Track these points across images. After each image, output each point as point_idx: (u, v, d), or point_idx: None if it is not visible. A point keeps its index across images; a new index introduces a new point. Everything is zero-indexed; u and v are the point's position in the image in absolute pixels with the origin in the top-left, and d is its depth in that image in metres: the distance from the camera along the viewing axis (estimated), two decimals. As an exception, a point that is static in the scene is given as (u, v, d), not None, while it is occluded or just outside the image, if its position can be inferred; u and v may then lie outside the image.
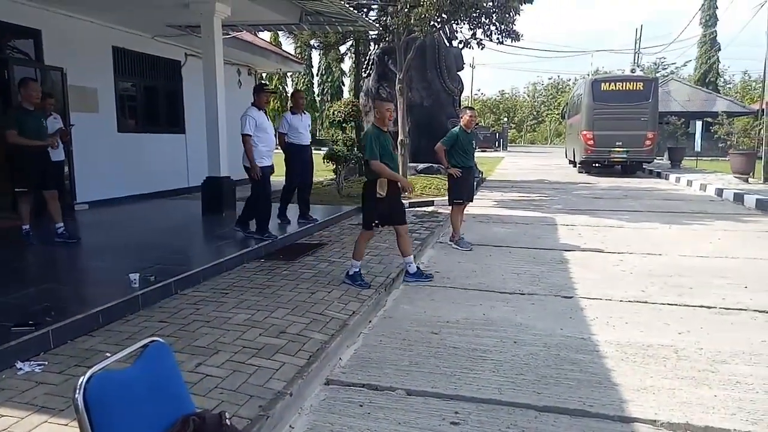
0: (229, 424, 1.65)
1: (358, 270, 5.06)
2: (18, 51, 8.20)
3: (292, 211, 7.84)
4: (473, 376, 3.31)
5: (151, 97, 11.20)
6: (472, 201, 7.27)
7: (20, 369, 3.13)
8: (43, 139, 5.84)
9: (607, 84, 17.98)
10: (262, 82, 14.52)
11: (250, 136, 6.20)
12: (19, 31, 8.05)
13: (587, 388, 3.14)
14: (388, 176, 4.94)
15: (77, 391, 1.40)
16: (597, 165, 18.78)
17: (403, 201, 5.42)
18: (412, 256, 5.44)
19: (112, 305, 3.97)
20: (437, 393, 3.10)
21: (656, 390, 3.13)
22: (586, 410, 2.90)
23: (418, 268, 5.53)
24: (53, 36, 8.43)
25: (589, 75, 27.34)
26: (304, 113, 7.71)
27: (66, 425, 2.55)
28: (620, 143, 17.19)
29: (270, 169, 6.55)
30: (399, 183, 5.16)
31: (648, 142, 17.27)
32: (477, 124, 7.03)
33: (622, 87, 17.70)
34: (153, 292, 4.36)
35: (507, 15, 10.88)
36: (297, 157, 7.59)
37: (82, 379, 1.43)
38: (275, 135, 6.97)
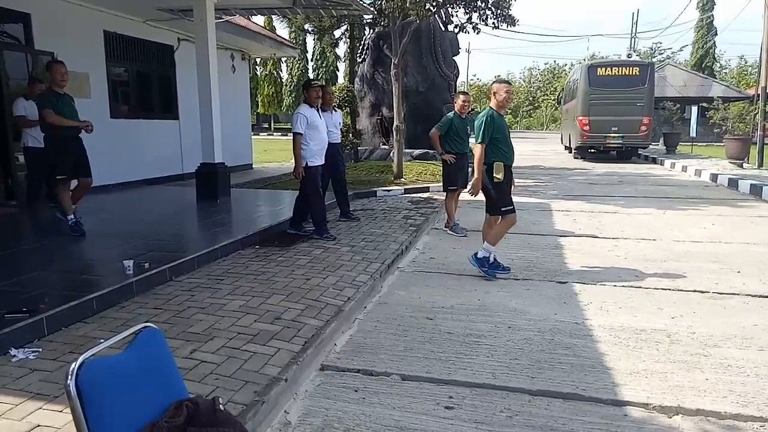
0: (222, 409, 1.65)
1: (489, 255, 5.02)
2: (7, 35, 8.06)
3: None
4: (467, 361, 3.33)
5: (144, 83, 11.08)
6: (466, 188, 7.24)
7: (14, 356, 3.13)
8: (75, 118, 5.69)
9: (603, 69, 17.91)
10: (310, 78, 13.97)
11: (301, 134, 5.98)
12: (7, 14, 7.91)
13: (580, 372, 3.16)
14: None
15: (69, 378, 1.40)
16: (593, 151, 18.77)
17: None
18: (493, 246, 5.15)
19: (106, 292, 3.96)
20: (432, 378, 3.12)
21: (649, 374, 3.15)
22: (579, 394, 2.92)
23: (491, 259, 5.16)
24: (43, 19, 8.29)
25: (585, 60, 27.18)
26: (332, 110, 7.24)
27: (61, 411, 2.55)
28: (616, 129, 17.17)
29: (322, 168, 6.37)
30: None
31: (643, 128, 17.26)
32: (472, 110, 6.97)
33: (618, 72, 17.64)
34: (147, 279, 4.35)
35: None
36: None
37: (74, 366, 1.43)
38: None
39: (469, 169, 7.38)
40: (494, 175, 4.93)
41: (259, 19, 14.49)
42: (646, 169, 15.83)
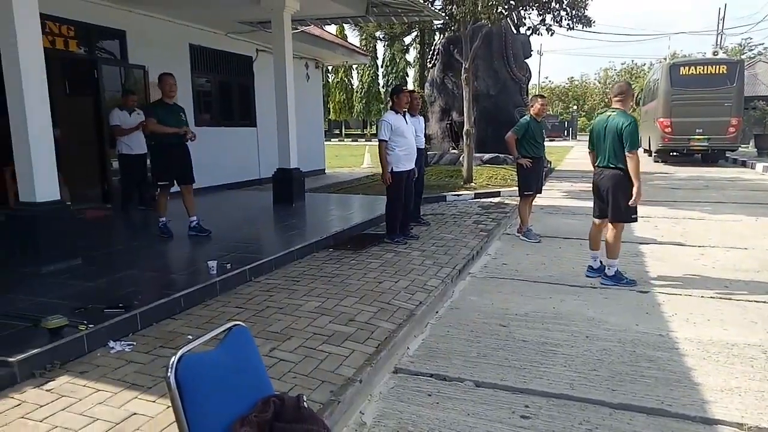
0: (306, 407, 1.71)
1: (617, 269, 4.93)
2: (105, 51, 8.73)
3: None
4: (543, 370, 3.26)
5: (225, 92, 11.65)
6: (541, 192, 7.09)
7: (112, 348, 3.38)
8: (180, 125, 5.97)
9: (687, 68, 16.95)
10: (400, 84, 13.95)
11: (386, 141, 6.04)
12: (107, 32, 8.59)
13: (665, 387, 3.02)
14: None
15: (169, 370, 1.50)
16: (674, 154, 17.81)
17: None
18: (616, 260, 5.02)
19: (192, 291, 4.19)
20: (506, 386, 3.08)
21: (742, 391, 2.96)
22: (664, 410, 2.79)
23: (601, 262, 5.15)
24: (136, 35, 8.93)
25: (666, 59, 25.85)
26: (418, 115, 7.08)
27: (153, 402, 2.73)
28: (701, 130, 16.20)
29: (412, 173, 6.39)
30: None
31: (732, 129, 16.18)
32: (545, 112, 6.82)
33: (704, 71, 16.64)
34: (229, 279, 4.57)
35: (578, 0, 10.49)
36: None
37: (174, 359, 1.52)
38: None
39: (543, 173, 7.22)
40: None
41: (332, 28, 14.83)
42: (734, 173, 14.82)
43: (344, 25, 13.38)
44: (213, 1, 8.40)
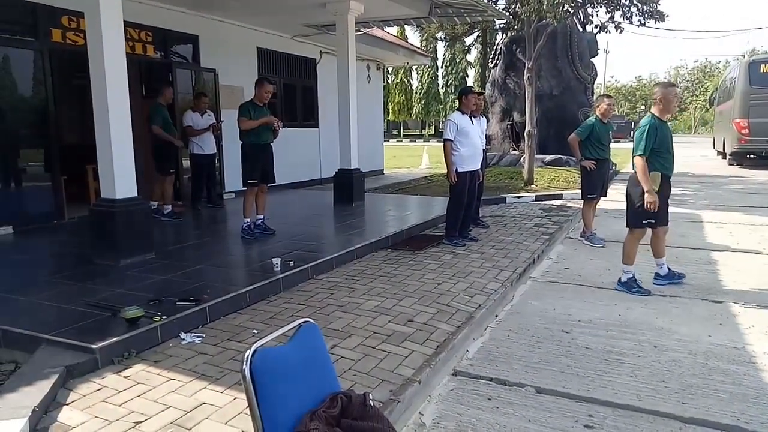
0: (372, 405, 1.75)
1: (632, 276, 4.83)
2: (179, 55, 9.16)
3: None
4: (608, 379, 3.17)
5: (290, 94, 11.95)
6: (605, 196, 6.88)
7: (183, 339, 3.55)
8: (269, 128, 6.13)
9: (767, 65, 15.94)
10: (468, 86, 13.75)
11: (451, 141, 6.11)
12: (182, 37, 9.03)
13: (742, 403, 2.87)
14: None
15: (245, 363, 1.58)
16: (752, 156, 16.79)
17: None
18: (665, 258, 5.01)
19: (258, 286, 4.35)
20: (569, 393, 3.02)
21: (828, 412, 2.78)
22: (741, 427, 2.65)
23: (669, 269, 5.02)
24: (208, 40, 9.34)
25: (744, 56, 24.38)
26: (480, 116, 6.89)
27: (221, 392, 2.85)
28: None
29: (476, 174, 6.44)
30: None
31: (816, 131, 15.08)
32: (611, 113, 6.62)
33: (786, 68, 15.60)
34: (292, 276, 4.70)
35: (650, -6, 10.09)
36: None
37: (248, 353, 1.60)
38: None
39: (608, 176, 7.00)
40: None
41: (392, 29, 14.91)
42: (821, 178, 13.81)
43: (405, 26, 13.40)
44: (281, 6, 8.64)
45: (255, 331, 3.66)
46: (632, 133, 40.75)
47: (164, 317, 3.57)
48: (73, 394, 2.85)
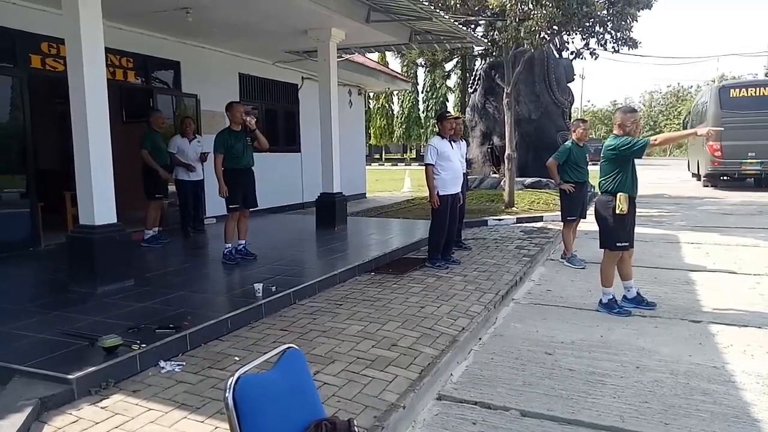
0: (357, 431, 1.74)
1: (612, 297, 4.87)
2: (160, 81, 9.16)
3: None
4: (592, 400, 3.18)
5: (272, 119, 11.99)
6: (585, 218, 6.98)
7: (163, 368, 3.48)
8: (250, 152, 6.26)
9: (737, 90, 16.48)
10: (445, 110, 13.96)
11: (432, 165, 6.19)
12: (163, 63, 9.03)
13: (723, 422, 2.89)
14: None
15: (227, 391, 1.55)
16: (725, 178, 17.22)
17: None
18: (632, 281, 5.06)
19: (239, 312, 4.29)
20: (554, 416, 3.02)
21: (806, 430, 2.81)
22: (721, 446, 2.68)
23: (638, 293, 5.02)
24: (190, 66, 9.36)
25: (714, 81, 25.17)
26: (460, 140, 6.91)
27: (202, 422, 2.79)
28: (753, 154, 15.65)
29: (457, 197, 6.50)
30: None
31: (787, 153, 15.54)
32: (588, 137, 6.77)
33: (755, 93, 16.15)
34: (274, 302, 4.66)
35: (623, 22, 10.41)
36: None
37: (231, 380, 1.57)
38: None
39: (587, 198, 7.12)
40: (620, 206, 4.71)
41: (374, 55, 15.14)
42: (792, 199, 14.19)
43: (387, 52, 13.61)
44: (263, 32, 8.72)
45: (236, 359, 3.60)
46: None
47: (143, 345, 3.50)
48: (47, 427, 2.77)
